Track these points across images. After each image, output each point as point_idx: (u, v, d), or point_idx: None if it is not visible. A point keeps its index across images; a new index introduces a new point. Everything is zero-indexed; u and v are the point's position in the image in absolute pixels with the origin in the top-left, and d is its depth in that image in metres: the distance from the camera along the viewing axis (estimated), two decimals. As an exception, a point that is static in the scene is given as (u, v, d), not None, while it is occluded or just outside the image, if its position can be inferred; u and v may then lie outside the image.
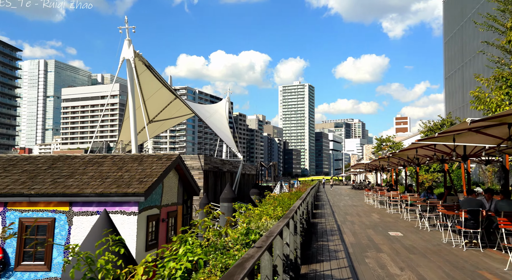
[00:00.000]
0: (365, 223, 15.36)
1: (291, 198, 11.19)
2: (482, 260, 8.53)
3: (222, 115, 51.53)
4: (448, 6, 51.98)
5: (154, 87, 36.04)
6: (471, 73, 42.76)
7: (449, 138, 8.73)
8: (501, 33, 17.77)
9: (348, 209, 22.00)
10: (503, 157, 13.29)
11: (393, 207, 21.19)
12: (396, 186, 29.48)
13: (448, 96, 51.22)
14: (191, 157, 34.80)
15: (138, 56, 30.34)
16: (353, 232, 12.91)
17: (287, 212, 5.67)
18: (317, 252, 9.44)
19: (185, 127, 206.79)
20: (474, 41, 41.63)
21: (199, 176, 34.20)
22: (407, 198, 16.68)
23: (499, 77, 13.32)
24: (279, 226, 3.96)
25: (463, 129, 7.60)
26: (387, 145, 53.26)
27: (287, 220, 4.80)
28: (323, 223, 15.32)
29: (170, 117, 45.56)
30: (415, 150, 12.06)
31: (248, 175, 56.27)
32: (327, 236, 12.02)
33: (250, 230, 5.04)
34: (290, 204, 9.12)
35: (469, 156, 11.56)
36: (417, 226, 14.10)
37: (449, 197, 13.85)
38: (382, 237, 11.81)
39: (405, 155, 15.65)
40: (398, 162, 21.57)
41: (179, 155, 15.55)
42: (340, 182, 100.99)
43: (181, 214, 16.97)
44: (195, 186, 18.03)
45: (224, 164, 41.55)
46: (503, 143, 8.61)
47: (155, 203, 14.10)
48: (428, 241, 11.07)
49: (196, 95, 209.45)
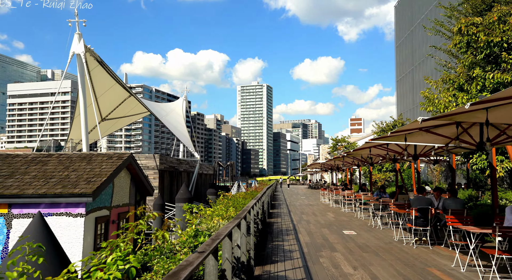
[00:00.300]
0: (320, 222, 15.45)
1: (246, 197, 10.98)
2: (431, 257, 8.72)
3: (179, 114, 50.58)
4: (399, 12, 53.98)
5: (106, 83, 34.69)
6: (420, 76, 44.66)
7: (401, 137, 8.86)
8: (447, 38, 18.55)
9: (304, 208, 22.14)
10: (450, 156, 13.80)
11: (348, 206, 21.56)
12: (351, 185, 30.12)
13: (399, 98, 53.17)
14: (146, 157, 33.81)
15: (89, 51, 29.04)
16: (309, 231, 12.91)
17: (239, 213, 5.44)
18: (272, 253, 9.29)
19: (141, 126, 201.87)
20: (423, 45, 43.46)
21: (154, 176, 33.28)
22: (361, 197, 16.98)
23: (447, 79, 13.82)
24: (228, 228, 3.72)
25: (414, 128, 7.70)
26: (342, 145, 54.52)
27: (238, 221, 4.56)
28: (279, 223, 15.25)
29: (124, 115, 44.10)
30: (368, 149, 12.25)
31: (205, 175, 55.60)
32: (283, 236, 11.93)
33: (199, 232, 4.76)
34: (244, 204, 8.91)
35: (419, 155, 11.90)
36: (370, 225, 14.34)
37: (400, 196, 14.23)
38: (337, 236, 11.88)
39: (359, 155, 15.93)
40: (352, 162, 22.00)
41: (131, 154, 14.93)
42: (297, 181, 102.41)
43: (133, 216, 16.30)
44: (148, 186, 17.42)
45: (180, 163, 40.75)
46: (451, 143, 8.85)
47: (104, 204, 13.43)
48: (380, 239, 11.24)
49: (152, 94, 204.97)
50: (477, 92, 12.45)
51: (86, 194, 11.62)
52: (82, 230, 11.77)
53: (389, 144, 10.58)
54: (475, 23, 12.92)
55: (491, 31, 12.12)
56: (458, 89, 13.40)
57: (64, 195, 11.65)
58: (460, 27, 13.34)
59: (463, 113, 5.44)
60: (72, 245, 11.60)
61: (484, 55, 12.39)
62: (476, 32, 12.39)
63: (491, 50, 12.27)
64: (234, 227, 4.68)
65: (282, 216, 18.01)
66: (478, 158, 12.29)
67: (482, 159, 12.20)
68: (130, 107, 42.62)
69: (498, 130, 7.70)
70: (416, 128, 7.55)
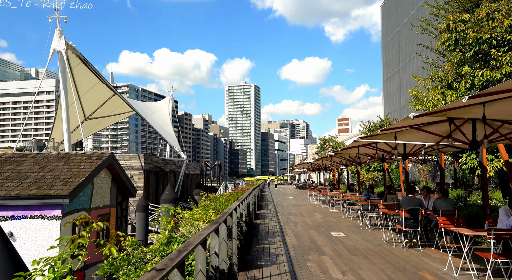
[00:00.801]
0: (308, 223, 15.09)
1: (229, 199, 10.53)
2: (422, 261, 8.40)
3: (165, 113, 49.83)
4: (385, 12, 54.10)
5: (90, 82, 33.87)
6: (407, 76, 44.73)
7: (390, 136, 8.53)
8: (434, 37, 18.38)
9: (291, 209, 21.78)
10: (439, 156, 13.56)
11: (336, 207, 21.26)
12: (339, 185, 29.89)
13: (386, 98, 53.28)
14: (131, 156, 33.11)
15: (71, 48, 28.24)
16: (296, 233, 12.53)
17: (218, 217, 5.00)
18: (257, 257, 8.87)
19: (128, 125, 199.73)
20: (410, 45, 43.55)
21: (139, 176, 32.61)
22: (349, 198, 16.67)
23: (435, 77, 13.56)
24: (201, 235, 3.28)
25: (404, 126, 7.36)
26: (330, 145, 54.42)
27: (215, 226, 4.13)
28: (265, 224, 14.84)
29: (109, 115, 43.22)
30: (357, 148, 11.93)
31: (192, 175, 54.94)
32: (269, 238, 11.52)
33: (173, 238, 4.31)
34: (227, 205, 8.47)
35: (408, 155, 11.60)
36: (359, 226, 14.02)
37: (389, 196, 13.94)
38: (325, 238, 11.51)
39: (347, 154, 15.62)
40: (340, 161, 21.71)
41: (112, 153, 14.36)
42: (285, 181, 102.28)
43: (114, 217, 15.73)
44: (131, 186, 16.85)
45: (166, 163, 40.08)
46: (442, 141, 8.55)
47: (83, 205, 12.84)
48: (369, 241, 10.90)
49: (139, 93, 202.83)
50: (466, 90, 12.20)
51: (62, 196, 11.04)
52: (58, 234, 11.19)
53: (378, 143, 10.26)
54: (463, 20, 12.69)
55: (480, 28, 11.89)
56: (446, 87, 13.15)
57: (38, 197, 11.06)
58: (448, 24, 13.10)
59: (459, 108, 5.10)
60: (47, 250, 11.02)
61: (473, 53, 12.15)
62: (465, 29, 12.14)
63: (480, 47, 12.03)
64: (211, 233, 4.25)
65: (269, 217, 17.61)
66: (468, 157, 12.05)
67: (471, 159, 11.96)
68: (115, 106, 41.77)
69: (491, 128, 7.40)
70: (406, 125, 7.21)
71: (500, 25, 11.39)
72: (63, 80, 28.39)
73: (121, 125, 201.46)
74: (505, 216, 7.28)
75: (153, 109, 48.97)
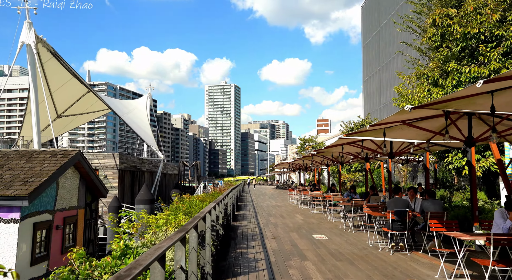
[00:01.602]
0: (288, 225, 14.44)
1: (205, 200, 9.77)
2: (411, 266, 7.84)
3: (142, 111, 48.51)
4: (366, 12, 54.19)
5: (62, 77, 32.43)
6: (387, 76, 44.80)
7: (378, 132, 7.95)
8: (417, 35, 18.06)
9: (271, 210, 21.13)
10: (423, 155, 13.13)
11: (317, 207, 20.72)
12: (319, 185, 29.43)
13: (366, 99, 53.34)
14: (105, 155, 31.85)
15: (42, 42, 26.86)
16: (276, 236, 11.86)
17: (187, 222, 4.26)
18: (234, 263, 8.15)
19: (105, 124, 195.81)
20: (391, 46, 43.61)
21: (113, 176, 31.40)
22: (330, 198, 16.12)
23: (421, 74, 13.13)
24: (159, 249, 2.54)
25: (396, 121, 6.77)
26: (310, 145, 54.14)
27: (181, 235, 3.39)
28: (244, 226, 14.13)
29: (83, 112, 41.69)
30: (341, 147, 11.35)
31: (170, 175, 53.73)
32: (248, 242, 10.80)
33: (128, 250, 3.54)
34: (201, 207, 7.72)
35: (395, 153, 11.09)
36: (341, 228, 13.46)
37: (373, 197, 13.43)
38: (307, 241, 10.87)
39: (330, 153, 15.06)
40: (321, 161, 21.18)
41: (79, 150, 13.37)
42: (264, 182, 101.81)
43: (83, 219, 14.72)
44: (101, 186, 15.86)
45: (143, 163, 38.88)
46: (433, 138, 8.03)
47: (46, 207, 11.84)
48: (353, 244, 10.32)
49: (117, 92, 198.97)
50: (452, 87, 11.79)
51: (20, 197, 10.06)
52: (16, 238, 10.19)
53: (364, 140, 9.70)
54: (449, 15, 12.28)
55: (467, 23, 11.49)
56: (432, 85, 12.73)
57: (-6, 198, 10.04)
58: (434, 19, 12.69)
59: (465, 97, 4.51)
60: (3, 256, 10.01)
61: (460, 48, 11.75)
62: (452, 23, 11.73)
63: (467, 43, 11.64)
64: (177, 244, 3.50)
65: (248, 218, 16.90)
66: (454, 157, 11.63)
67: (458, 159, 11.55)
68: (90, 103, 40.29)
69: (486, 125, 6.88)
70: (398, 121, 6.62)
71: (489, 20, 11.00)
72: (32, 75, 26.95)
73: (98, 124, 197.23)
74: (501, 219, 6.77)
75: (130, 108, 47.58)
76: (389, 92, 43.89)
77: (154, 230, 4.82)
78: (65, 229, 13.05)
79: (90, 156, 31.91)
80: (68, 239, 13.40)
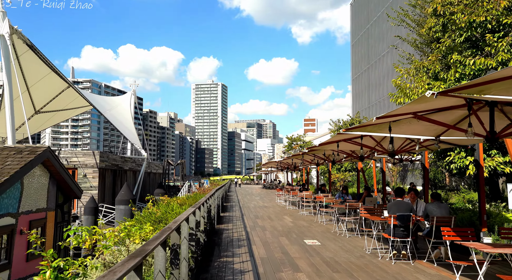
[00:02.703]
0: (277, 228, 13.45)
1: (185, 202, 8.69)
2: (416, 278, 6.92)
3: (126, 108, 46.96)
4: (355, 9, 53.56)
5: (40, 71, 30.83)
6: (376, 75, 44.19)
7: (382, 127, 7.00)
8: (411, 29, 17.28)
9: (258, 211, 20.12)
10: (422, 154, 12.27)
11: (306, 209, 19.79)
12: (308, 185, 28.54)
13: (355, 97, 52.72)
14: (85, 153, 30.45)
15: (17, 33, 25.30)
16: (264, 241, 10.85)
17: (152, 237, 3.20)
18: (217, 276, 7.11)
19: (89, 122, 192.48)
20: (380, 44, 43.01)
21: (93, 174, 30.01)
22: (322, 199, 15.18)
23: (420, 66, 12.25)
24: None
25: (407, 113, 5.81)
26: (298, 144, 53.35)
27: (136, 261, 2.35)
28: (229, 230, 13.09)
29: (63, 108, 40.02)
30: (335, 145, 10.39)
31: (154, 174, 52.31)
32: (233, 249, 9.77)
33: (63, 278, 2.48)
34: (179, 212, 6.66)
35: (397, 151, 10.18)
36: (334, 231, 12.52)
37: (368, 198, 12.54)
38: (298, 247, 9.89)
39: (322, 151, 14.11)
40: (312, 160, 20.26)
41: (48, 147, 12.14)
42: (251, 181, 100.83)
43: (53, 222, 13.49)
44: (75, 186, 14.63)
45: (125, 161, 37.50)
46: (443, 134, 7.12)
47: (7, 210, 10.61)
48: (350, 251, 9.37)
49: (102, 89, 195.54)
50: (455, 80, 10.93)
51: (-25, 199, 8.83)
52: (-30, 246, 8.97)
53: (364, 137, 8.75)
54: (452, 2, 11.42)
55: (473, 11, 10.64)
56: (433, 78, 11.87)
57: None
58: (436, 8, 11.83)
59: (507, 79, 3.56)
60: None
61: (464, 39, 10.88)
62: (456, 11, 10.86)
63: (472, 33, 10.79)
64: (130, 274, 2.45)
65: (234, 220, 15.87)
66: (457, 156, 10.77)
67: (461, 157, 10.69)
68: (70, 99, 38.63)
69: (508, 118, 5.96)
70: (409, 112, 5.66)
71: (496, 7, 10.16)
72: (6, 69, 25.39)
73: (82, 122, 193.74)
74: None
75: (113, 104, 46.01)
76: (378, 91, 43.30)
77: (132, 239, 3.76)
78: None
79: (69, 154, 30.46)
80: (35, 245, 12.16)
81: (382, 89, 42.07)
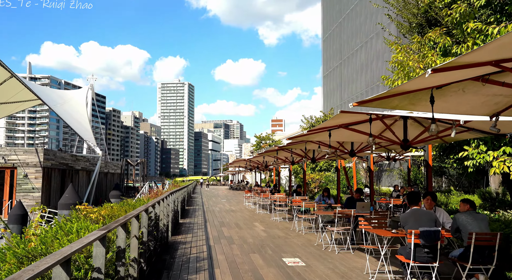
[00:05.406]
0: (247, 240, 10.83)
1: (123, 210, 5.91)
2: None
3: (81, 103, 42.93)
4: (326, 3, 51.83)
5: (-26, 56, 26.83)
6: (349, 71, 42.47)
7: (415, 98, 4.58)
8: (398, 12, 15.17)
9: (225, 216, 17.44)
10: (425, 148, 10.01)
11: (279, 213, 17.29)
12: (279, 186, 26.11)
13: (326, 95, 50.97)
14: (26, 151, 26.72)
15: None
16: (231, 260, 8.21)
17: None
18: None
19: (48, 121, 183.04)
20: (353, 38, 41.33)
21: (36, 175, 26.32)
22: (300, 204, 12.69)
23: (425, 40, 9.95)
24: None
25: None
26: (267, 143, 51.09)
27: None
28: (187, 243, 10.35)
29: (5, 102, 35.77)
30: (327, 133, 7.89)
31: (113, 174, 48.41)
32: (188, 275, 7.07)
33: None
34: (81, 236, 3.95)
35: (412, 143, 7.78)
36: (319, 245, 10.04)
37: (359, 203, 10.12)
38: (276, 271, 7.30)
39: (303, 145, 11.58)
40: (286, 158, 17.76)
41: None
42: (218, 182, 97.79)
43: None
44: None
45: (77, 160, 33.79)
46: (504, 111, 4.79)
47: None
48: (345, 276, 6.88)
49: (62, 86, 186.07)
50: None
51: None
52: None
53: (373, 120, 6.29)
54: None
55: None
56: (441, 54, 9.61)
57: None
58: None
59: None
60: None
61: (485, 2, 8.65)
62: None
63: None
64: None
65: (194, 229, 13.13)
66: (475, 150, 8.51)
67: (481, 152, 8.45)
68: (14, 91, 34.47)
69: None
70: (488, 61, 3.22)
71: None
72: None
73: (39, 120, 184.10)
74: None
75: (66, 98, 41.93)
76: (351, 87, 41.56)
77: None
78: None
79: (7, 152, 26.62)
80: None
81: (355, 85, 40.33)
